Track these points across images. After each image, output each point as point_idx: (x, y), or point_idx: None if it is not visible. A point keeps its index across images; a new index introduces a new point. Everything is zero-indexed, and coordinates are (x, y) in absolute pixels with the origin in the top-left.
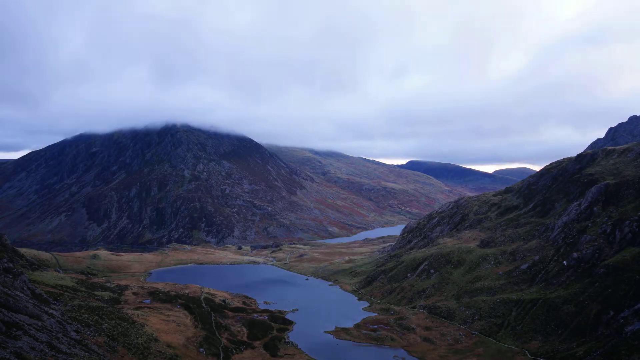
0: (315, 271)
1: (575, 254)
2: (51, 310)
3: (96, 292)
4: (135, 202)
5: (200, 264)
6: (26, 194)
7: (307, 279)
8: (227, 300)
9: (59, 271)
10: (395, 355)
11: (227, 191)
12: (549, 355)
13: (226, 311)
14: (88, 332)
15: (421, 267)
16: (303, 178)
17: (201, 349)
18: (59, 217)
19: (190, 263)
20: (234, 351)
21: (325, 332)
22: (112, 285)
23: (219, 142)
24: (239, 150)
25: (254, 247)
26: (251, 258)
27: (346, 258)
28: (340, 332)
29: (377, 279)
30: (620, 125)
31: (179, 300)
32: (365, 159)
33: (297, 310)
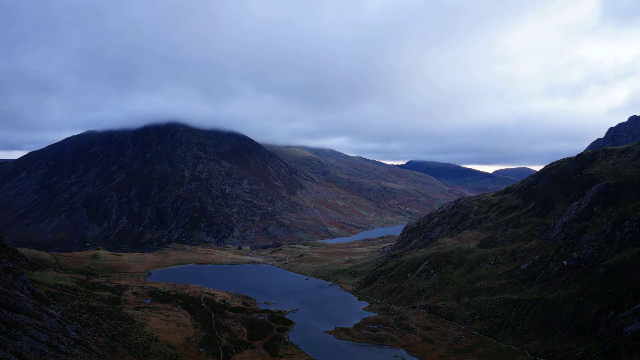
0: (315, 271)
1: (575, 254)
2: (51, 310)
3: (96, 292)
4: (135, 202)
5: (200, 264)
6: (26, 194)
7: (307, 279)
8: (227, 300)
9: (59, 271)
10: (395, 355)
11: (227, 191)
12: (549, 355)
13: (226, 311)
14: (88, 332)
15: (421, 267)
16: (303, 178)
17: (201, 349)
18: (59, 217)
19: (190, 263)
20: (234, 351)
21: (325, 332)
22: (112, 285)
23: (219, 142)
24: (239, 150)
25: (254, 247)
26: (251, 258)
27: (346, 258)
28: (340, 332)
29: (377, 279)
30: (620, 125)
31: (179, 300)
32: (365, 159)
33: (297, 310)
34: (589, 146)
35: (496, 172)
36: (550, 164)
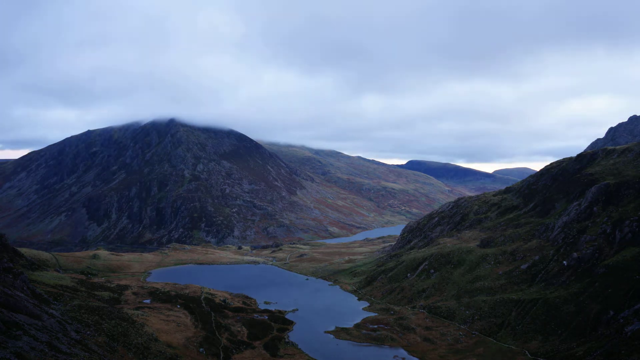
0: (315, 271)
1: (575, 254)
2: (51, 310)
3: (96, 292)
4: (135, 202)
5: (200, 263)
6: (26, 194)
7: (307, 279)
8: (227, 300)
9: (59, 271)
10: (395, 355)
11: (227, 191)
12: (549, 355)
13: (226, 311)
14: (88, 332)
15: (421, 267)
16: (303, 178)
17: (201, 349)
18: (59, 217)
19: (190, 263)
20: (234, 351)
21: (325, 332)
22: (112, 285)
23: (219, 142)
24: (239, 150)
25: (254, 247)
26: (251, 258)
27: (346, 258)
28: (340, 332)
29: (377, 279)
30: (620, 125)
31: (179, 300)
32: (365, 159)
33: (297, 310)
34: (589, 146)
35: (496, 172)
36: (550, 163)
